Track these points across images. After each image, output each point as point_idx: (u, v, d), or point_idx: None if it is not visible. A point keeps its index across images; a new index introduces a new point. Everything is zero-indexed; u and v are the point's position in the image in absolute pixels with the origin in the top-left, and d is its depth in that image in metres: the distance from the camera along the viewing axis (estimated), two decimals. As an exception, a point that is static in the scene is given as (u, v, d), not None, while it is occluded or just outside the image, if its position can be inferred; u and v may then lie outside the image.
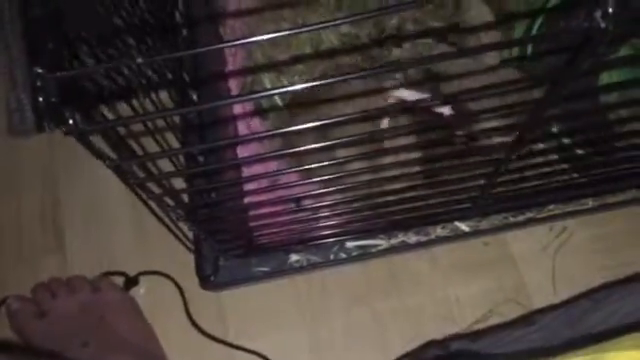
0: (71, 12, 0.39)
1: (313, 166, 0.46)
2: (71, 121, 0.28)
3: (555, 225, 0.79)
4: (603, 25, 0.30)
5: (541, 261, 0.78)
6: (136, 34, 0.50)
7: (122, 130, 0.38)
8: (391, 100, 0.65)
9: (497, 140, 0.50)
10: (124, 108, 0.52)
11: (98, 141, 0.34)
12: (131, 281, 0.78)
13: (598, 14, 0.30)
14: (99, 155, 0.33)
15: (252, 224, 0.61)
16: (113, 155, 0.35)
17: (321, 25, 0.33)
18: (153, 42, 0.57)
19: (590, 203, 0.75)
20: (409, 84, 0.63)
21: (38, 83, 0.26)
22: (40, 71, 0.26)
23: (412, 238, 0.73)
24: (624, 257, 0.77)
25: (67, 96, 0.28)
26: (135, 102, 0.49)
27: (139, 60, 0.27)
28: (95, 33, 0.40)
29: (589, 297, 0.58)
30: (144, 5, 0.54)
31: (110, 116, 0.45)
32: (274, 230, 0.61)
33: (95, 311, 0.73)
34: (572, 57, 0.34)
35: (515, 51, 0.75)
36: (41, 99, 0.26)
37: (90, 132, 0.30)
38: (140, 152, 0.41)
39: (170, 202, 0.44)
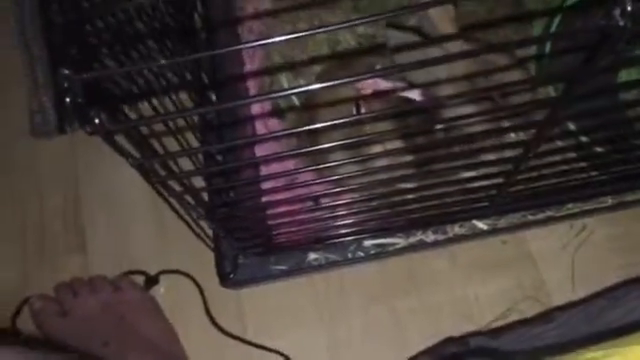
0: (92, 17, 0.40)
1: (330, 165, 0.47)
2: (97, 121, 0.28)
3: (575, 223, 0.79)
4: (622, 23, 0.30)
5: (560, 259, 0.78)
6: (156, 37, 0.51)
7: (144, 129, 0.38)
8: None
9: (515, 138, 0.51)
10: (145, 108, 0.53)
11: (121, 140, 0.35)
12: (151, 280, 0.79)
13: (617, 12, 0.30)
14: (123, 154, 0.33)
15: (270, 222, 0.61)
16: (136, 154, 0.35)
17: (337, 26, 0.33)
18: (173, 44, 0.58)
19: (609, 201, 0.74)
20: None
21: (65, 84, 0.27)
22: (67, 72, 0.27)
23: (430, 236, 0.73)
24: (643, 255, 0.76)
25: (92, 97, 0.29)
26: (156, 102, 0.50)
27: (161, 62, 0.28)
28: (116, 36, 0.41)
29: (608, 295, 0.58)
30: (164, 8, 0.55)
31: (132, 116, 0.45)
32: (292, 229, 0.62)
33: (116, 310, 0.74)
34: (590, 55, 0.34)
35: (533, 49, 0.75)
36: (68, 100, 0.27)
37: (115, 131, 0.31)
38: (161, 151, 0.41)
39: (190, 200, 0.45)
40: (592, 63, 0.34)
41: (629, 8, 0.30)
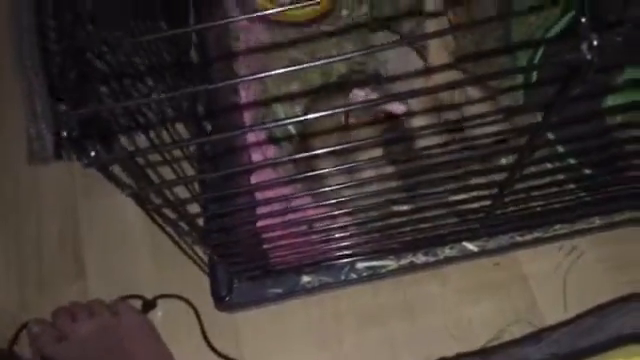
0: (89, 47, 0.42)
1: (324, 190, 0.48)
2: (93, 153, 0.30)
3: (565, 244, 0.79)
4: (589, 56, 0.32)
5: (552, 281, 0.78)
6: (152, 70, 0.52)
7: (140, 160, 0.40)
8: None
9: (498, 162, 0.52)
10: (141, 138, 0.54)
11: (117, 169, 0.36)
12: (149, 304, 0.80)
13: (584, 46, 0.32)
14: (118, 184, 0.35)
15: (265, 247, 0.63)
16: (132, 183, 0.37)
17: (329, 60, 0.35)
18: (169, 76, 0.59)
19: (597, 222, 0.76)
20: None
21: (62, 119, 0.29)
22: (64, 108, 0.28)
23: (421, 258, 0.74)
24: (636, 275, 0.77)
25: (87, 129, 0.31)
26: (152, 133, 0.51)
27: (155, 97, 0.29)
28: (113, 69, 0.43)
29: (596, 313, 0.59)
30: (161, 44, 0.56)
31: (128, 146, 0.47)
32: (287, 252, 0.63)
33: (114, 334, 0.74)
34: (563, 85, 0.36)
35: (520, 78, 0.77)
36: (64, 134, 0.29)
37: (111, 163, 0.32)
38: (157, 180, 0.43)
39: (185, 227, 0.47)
40: (564, 93, 0.36)
41: (595, 42, 0.31)
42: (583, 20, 0.32)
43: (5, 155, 0.91)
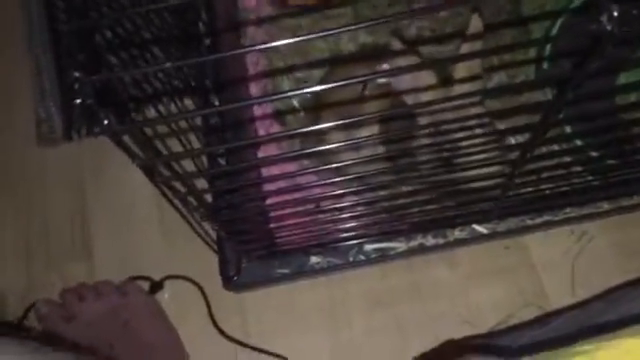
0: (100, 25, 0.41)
1: (331, 166, 0.48)
2: (106, 122, 0.30)
3: (575, 230, 0.79)
4: (609, 27, 0.31)
5: (561, 266, 0.78)
6: (162, 44, 0.52)
7: (149, 132, 0.40)
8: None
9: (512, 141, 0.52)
10: (150, 112, 0.54)
11: (127, 142, 0.36)
12: (156, 285, 0.80)
13: (604, 17, 0.31)
14: (130, 154, 0.35)
15: (272, 225, 0.62)
16: (141, 154, 0.37)
17: (337, 30, 0.35)
18: (178, 51, 0.59)
19: (605, 206, 0.75)
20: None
21: (75, 86, 0.28)
22: (77, 74, 0.28)
23: (430, 240, 0.74)
24: (644, 261, 0.77)
25: (100, 99, 0.30)
26: (161, 107, 0.51)
27: (166, 65, 0.29)
28: (124, 42, 0.43)
29: (604, 298, 0.59)
30: (169, 17, 0.56)
31: (138, 119, 0.46)
32: (294, 231, 0.63)
33: (121, 315, 0.75)
34: (581, 59, 0.35)
35: (532, 52, 0.76)
36: (78, 101, 0.28)
37: (123, 132, 0.32)
38: (165, 152, 0.43)
39: (194, 202, 0.46)
40: (583, 67, 0.35)
41: (615, 13, 0.31)
42: (604, -10, 0.31)
43: (14, 136, 0.92)
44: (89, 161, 0.89)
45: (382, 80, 0.61)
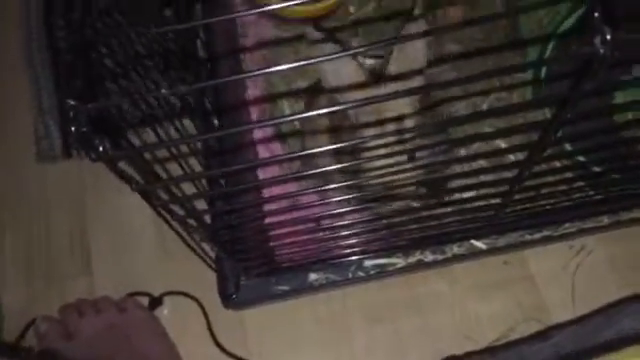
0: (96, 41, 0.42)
1: (330, 187, 0.48)
2: (101, 148, 0.30)
3: (574, 244, 0.79)
4: (602, 51, 0.31)
5: (561, 280, 0.78)
6: (159, 64, 0.52)
7: (147, 155, 0.40)
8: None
9: (510, 159, 0.52)
10: (148, 133, 0.54)
11: (125, 165, 0.36)
12: (155, 301, 0.80)
13: (597, 40, 0.31)
14: (126, 179, 0.35)
15: (272, 244, 0.62)
16: (139, 178, 0.37)
17: (337, 55, 0.35)
18: (175, 71, 0.59)
19: (605, 220, 0.75)
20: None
21: (70, 114, 0.29)
22: (73, 103, 0.28)
23: (429, 256, 0.74)
24: (644, 275, 0.77)
25: (96, 124, 0.31)
26: (159, 128, 0.51)
27: (163, 92, 0.29)
28: (120, 63, 0.43)
29: (603, 312, 0.59)
30: (169, 35, 0.56)
31: (136, 141, 0.47)
32: (294, 249, 0.63)
33: (121, 331, 0.75)
34: (575, 81, 0.35)
35: (530, 74, 0.77)
36: (73, 129, 0.28)
37: (119, 158, 0.32)
38: (164, 176, 0.43)
39: (193, 223, 0.46)
40: (578, 88, 0.36)
41: (608, 37, 0.31)
42: (596, 14, 0.31)
43: (14, 153, 0.92)
44: (89, 177, 0.89)
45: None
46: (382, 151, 0.56)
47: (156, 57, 0.52)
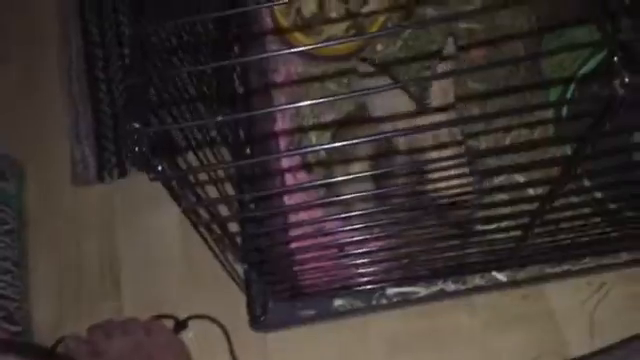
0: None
1: (353, 214, 0.50)
2: (160, 168, 0.33)
3: (593, 280, 0.80)
4: (621, 92, 0.34)
5: (580, 316, 0.79)
6: (203, 99, 0.56)
7: (191, 179, 0.43)
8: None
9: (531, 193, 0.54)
10: (189, 161, 0.57)
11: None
12: (180, 324, 0.82)
13: (617, 82, 0.34)
14: (177, 198, 0.38)
15: (297, 268, 0.65)
16: (190, 198, 0.39)
17: (359, 92, 0.38)
18: (216, 105, 0.63)
19: (624, 257, 0.76)
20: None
21: (135, 136, 0.32)
22: (137, 126, 0.31)
23: (450, 286, 0.75)
24: (663, 313, 0.77)
25: (154, 147, 0.34)
26: (201, 156, 0.55)
27: (219, 118, 0.32)
28: (173, 97, 0.47)
29: (624, 346, 0.59)
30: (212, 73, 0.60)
31: (182, 165, 0.50)
32: (319, 274, 0.65)
33: (146, 353, 0.76)
34: (596, 120, 0.38)
35: (551, 113, 0.79)
36: (136, 149, 0.32)
37: (174, 179, 0.35)
38: (204, 197, 0.45)
39: (229, 243, 0.49)
40: (597, 127, 0.38)
41: (627, 80, 0.33)
42: (616, 59, 0.34)
43: (50, 176, 0.95)
44: (120, 202, 0.92)
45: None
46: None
47: (200, 90, 0.56)
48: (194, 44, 0.54)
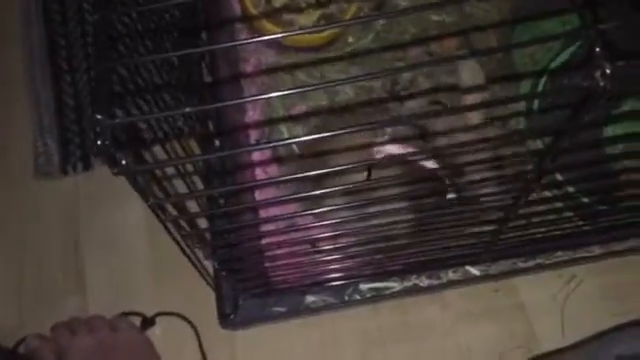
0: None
1: (327, 209, 0.49)
2: (124, 162, 0.31)
3: (564, 273, 0.80)
4: (602, 84, 0.33)
5: (551, 309, 0.79)
6: (171, 89, 0.54)
7: (158, 173, 0.41)
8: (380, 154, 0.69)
9: (504, 188, 0.54)
10: (156, 153, 0.56)
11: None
12: (148, 322, 0.80)
13: (597, 73, 0.33)
14: (143, 193, 0.36)
15: (268, 264, 0.63)
16: (151, 193, 0.38)
17: (334, 83, 0.37)
18: (185, 96, 0.61)
19: (596, 250, 0.77)
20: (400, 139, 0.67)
21: (97, 128, 0.30)
22: (100, 117, 0.29)
23: (424, 281, 0.75)
24: (633, 305, 0.78)
25: (117, 140, 0.32)
26: (168, 149, 0.53)
27: (182, 110, 0.30)
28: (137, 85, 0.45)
29: (597, 339, 0.60)
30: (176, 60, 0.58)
31: (148, 158, 0.48)
32: (290, 271, 0.64)
33: (112, 351, 0.74)
34: (574, 112, 0.37)
35: (522, 105, 0.79)
36: (99, 142, 0.30)
37: (139, 173, 0.33)
38: (172, 192, 0.44)
39: (197, 239, 0.47)
40: (576, 119, 0.37)
41: (608, 71, 0.33)
42: (597, 49, 0.33)
43: (11, 169, 0.92)
44: (84, 195, 0.89)
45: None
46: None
47: (166, 79, 0.54)
48: (160, 32, 0.51)
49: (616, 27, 0.33)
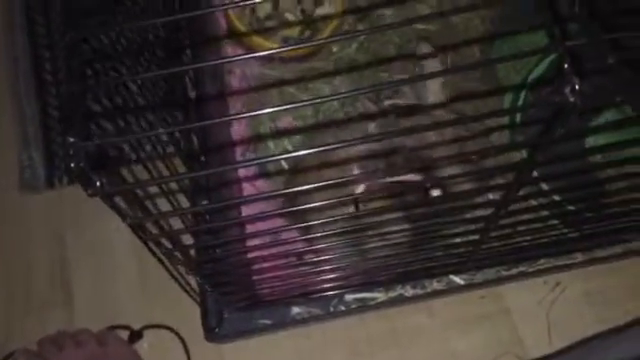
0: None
1: (313, 223, 0.49)
2: (98, 184, 0.31)
3: (549, 279, 0.81)
4: (572, 99, 0.34)
5: (537, 315, 0.80)
6: (152, 103, 0.54)
7: (139, 191, 0.41)
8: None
9: (486, 198, 0.54)
10: (139, 170, 0.55)
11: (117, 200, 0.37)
12: (135, 335, 0.80)
13: (567, 89, 0.34)
14: (120, 213, 0.36)
15: (255, 277, 0.63)
16: (131, 213, 0.38)
17: (319, 99, 0.37)
18: (167, 112, 0.61)
19: (579, 257, 0.77)
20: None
21: (70, 151, 0.30)
22: (72, 140, 0.30)
23: (409, 291, 0.75)
24: (618, 310, 0.78)
25: (93, 161, 0.32)
26: (150, 165, 0.53)
27: (161, 131, 0.31)
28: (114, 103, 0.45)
29: (584, 345, 0.60)
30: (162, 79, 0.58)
31: (128, 177, 0.48)
32: (276, 283, 0.64)
33: (100, 364, 0.74)
34: (547, 126, 0.38)
35: (506, 119, 0.80)
36: (72, 165, 0.30)
37: (115, 194, 0.33)
38: (154, 211, 0.44)
39: (180, 257, 0.47)
40: (549, 133, 0.38)
41: (577, 87, 0.33)
42: (566, 66, 0.34)
43: (-3, 181, 0.92)
44: (70, 208, 0.89)
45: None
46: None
47: (149, 97, 0.54)
48: (142, 49, 0.52)
49: (584, 44, 0.33)
